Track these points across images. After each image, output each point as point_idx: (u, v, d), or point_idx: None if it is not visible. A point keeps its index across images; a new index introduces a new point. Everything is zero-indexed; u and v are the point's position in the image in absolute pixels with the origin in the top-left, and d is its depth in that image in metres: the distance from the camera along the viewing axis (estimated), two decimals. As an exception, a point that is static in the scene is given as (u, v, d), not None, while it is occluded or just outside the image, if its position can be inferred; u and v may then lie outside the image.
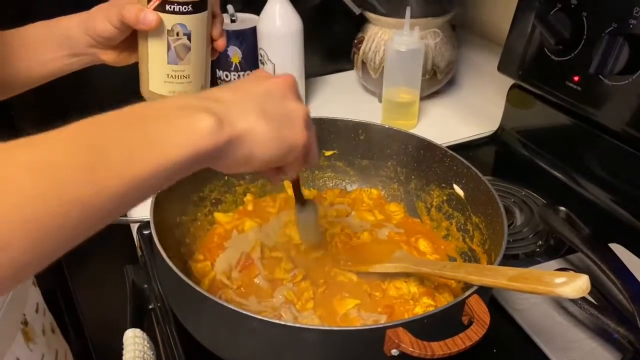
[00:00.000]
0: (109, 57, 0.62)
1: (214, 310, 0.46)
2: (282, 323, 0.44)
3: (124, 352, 0.66)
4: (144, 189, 0.35)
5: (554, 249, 0.72)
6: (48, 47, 0.61)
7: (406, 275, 0.62)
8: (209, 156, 0.38)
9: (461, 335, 0.45)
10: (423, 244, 0.69)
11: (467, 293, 0.48)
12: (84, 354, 1.19)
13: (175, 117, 0.37)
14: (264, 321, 0.44)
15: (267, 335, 0.45)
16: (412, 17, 0.91)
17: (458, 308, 0.48)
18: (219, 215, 0.72)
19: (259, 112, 0.42)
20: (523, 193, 0.82)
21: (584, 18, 0.76)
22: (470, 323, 0.48)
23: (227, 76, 1.02)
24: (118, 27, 0.58)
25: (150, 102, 0.38)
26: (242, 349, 0.49)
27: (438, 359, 0.44)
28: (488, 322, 0.46)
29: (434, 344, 0.44)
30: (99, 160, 0.33)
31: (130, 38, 0.60)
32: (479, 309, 0.47)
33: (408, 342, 0.44)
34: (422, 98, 1.02)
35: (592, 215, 0.77)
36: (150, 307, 0.72)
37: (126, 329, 0.69)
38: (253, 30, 0.98)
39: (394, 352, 0.45)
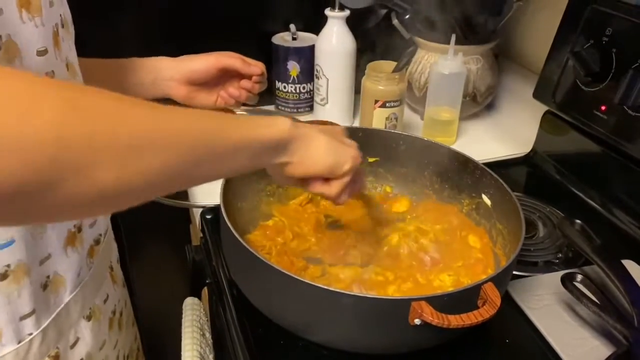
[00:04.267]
0: (180, 92, 0.76)
1: (273, 275, 0.56)
2: (324, 287, 0.53)
3: (183, 315, 0.77)
4: (236, 158, 0.47)
5: (571, 260, 0.79)
6: (141, 72, 0.75)
7: None
8: (281, 144, 0.51)
9: (474, 312, 0.54)
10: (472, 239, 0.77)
11: (484, 279, 0.56)
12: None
13: (264, 118, 0.52)
14: (309, 284, 0.54)
15: (311, 297, 0.55)
16: (456, 43, 1.00)
17: (474, 291, 0.56)
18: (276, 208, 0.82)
19: (321, 130, 0.57)
20: (548, 209, 0.89)
21: (613, 54, 0.83)
22: (484, 305, 0.56)
23: (285, 87, 1.14)
24: (210, 66, 0.74)
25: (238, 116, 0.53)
26: (288, 309, 0.59)
27: (453, 329, 0.52)
28: (499, 304, 0.54)
29: (451, 316, 0.53)
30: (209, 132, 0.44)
31: (204, 84, 0.75)
32: (492, 293, 0.55)
33: (429, 313, 0.52)
34: (462, 118, 1.10)
35: (612, 235, 0.84)
36: (207, 281, 0.82)
37: (181, 300, 0.80)
38: (311, 48, 1.09)
39: (417, 321, 0.53)
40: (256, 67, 0.78)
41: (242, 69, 0.77)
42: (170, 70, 0.74)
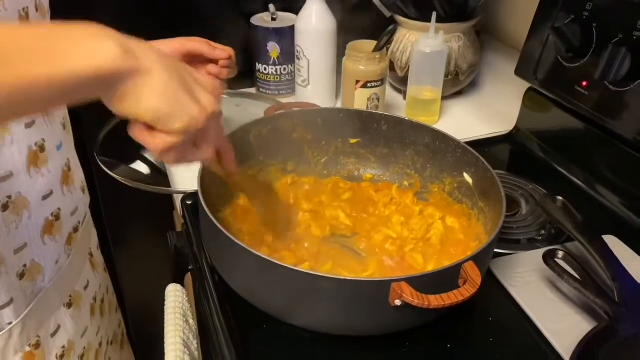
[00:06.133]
0: None
1: (251, 259, 0.55)
2: (303, 271, 0.53)
3: (165, 302, 0.76)
4: (38, 95, 0.38)
5: (554, 237, 0.79)
6: None
7: None
8: (105, 80, 0.40)
9: (455, 291, 0.53)
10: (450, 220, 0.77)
11: (464, 259, 0.56)
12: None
13: (83, 38, 0.40)
14: (287, 268, 0.53)
15: (290, 281, 0.54)
16: (437, 21, 0.99)
17: (454, 270, 0.56)
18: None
19: (169, 67, 0.44)
20: (531, 187, 0.89)
21: (593, 29, 0.83)
22: (465, 284, 0.56)
23: (265, 69, 1.12)
24: (174, 51, 0.69)
25: (68, 25, 0.42)
26: (269, 293, 0.59)
27: (434, 309, 0.52)
28: (479, 283, 0.54)
29: (431, 297, 0.52)
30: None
31: None
32: (472, 272, 0.55)
33: (409, 294, 0.52)
34: (444, 97, 1.09)
35: (599, 215, 0.84)
36: (190, 267, 0.81)
37: (164, 287, 0.79)
38: (291, 28, 1.07)
39: (397, 302, 0.53)
40: (223, 51, 0.74)
41: (208, 53, 0.73)
42: None
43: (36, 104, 0.40)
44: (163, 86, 0.43)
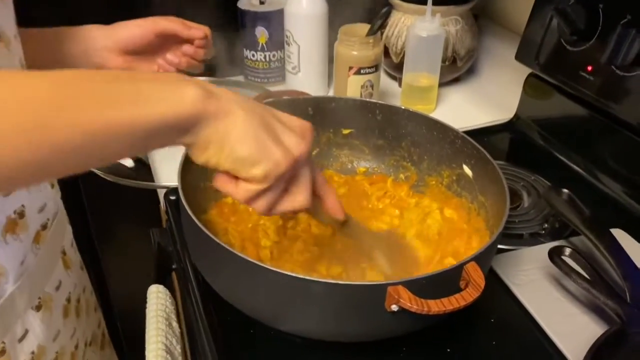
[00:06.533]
0: (115, 63, 0.68)
1: (233, 262, 0.51)
2: (292, 275, 0.48)
3: (147, 304, 0.72)
4: (120, 139, 0.37)
5: (558, 231, 0.75)
6: (71, 42, 0.67)
7: None
8: (186, 123, 0.39)
9: (456, 295, 0.49)
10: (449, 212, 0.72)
11: (466, 259, 0.52)
12: (108, 315, 1.26)
13: (165, 82, 0.39)
14: (275, 272, 0.49)
15: (278, 285, 0.50)
16: (434, 4, 0.94)
17: (456, 272, 0.51)
18: None
19: (252, 109, 0.42)
20: (532, 178, 0.84)
21: (600, 10, 0.78)
22: (467, 287, 0.51)
23: (253, 56, 1.07)
24: (147, 31, 0.65)
25: (146, 73, 0.42)
26: (256, 298, 0.54)
27: (434, 315, 0.48)
28: (483, 285, 0.50)
29: (431, 302, 0.48)
30: (78, 102, 0.35)
31: (142, 53, 0.67)
32: (475, 274, 0.51)
33: (407, 298, 0.48)
34: (442, 84, 1.05)
35: (602, 205, 0.80)
36: (174, 267, 0.77)
37: (149, 286, 0.75)
38: (280, 12, 1.02)
39: (394, 307, 0.49)
40: (198, 30, 0.69)
41: (182, 32, 0.69)
42: (102, 39, 0.66)
43: (117, 149, 0.38)
44: (244, 129, 0.41)
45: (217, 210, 0.68)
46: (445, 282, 0.52)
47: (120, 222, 1.22)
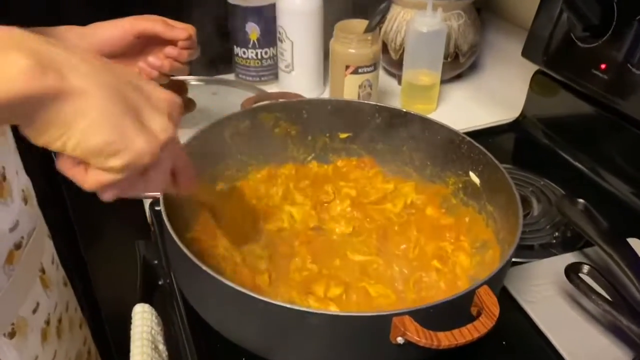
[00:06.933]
0: None
1: (221, 290, 0.46)
2: (288, 306, 0.44)
3: (132, 326, 0.67)
4: None
5: (570, 241, 0.70)
6: None
7: None
8: (12, 107, 0.31)
9: (469, 326, 0.44)
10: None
11: (477, 283, 0.47)
12: (97, 326, 1.22)
13: None
14: (268, 303, 0.44)
15: (272, 316, 0.45)
16: (435, -3, 0.89)
17: (467, 298, 0.47)
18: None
19: (108, 85, 0.34)
20: (542, 183, 0.80)
21: (614, 3, 0.73)
22: (479, 314, 0.47)
23: (244, 53, 1.01)
24: (125, 33, 0.59)
25: None
26: (247, 329, 0.49)
27: (444, 349, 0.43)
28: (497, 314, 0.45)
29: (441, 334, 0.43)
30: None
31: (121, 56, 0.62)
32: (488, 300, 0.46)
33: (414, 331, 0.43)
34: (443, 82, 0.99)
35: (611, 208, 0.75)
36: (160, 282, 0.72)
37: (137, 301, 0.70)
38: (272, 7, 0.96)
39: (400, 340, 0.44)
40: (182, 30, 0.62)
41: (164, 33, 0.62)
42: (78, 41, 0.60)
43: None
44: (99, 113, 0.33)
45: (202, 226, 0.63)
46: (456, 310, 0.47)
47: (109, 232, 1.16)
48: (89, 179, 0.36)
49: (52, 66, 0.31)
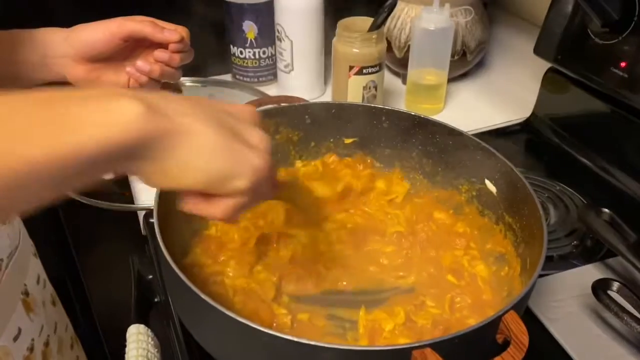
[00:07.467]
0: (76, 72, 0.58)
1: (220, 320, 0.42)
2: (296, 340, 0.39)
3: (126, 349, 0.63)
4: (49, 179, 0.30)
5: (590, 251, 0.66)
6: (26, 48, 0.57)
7: None
8: (130, 151, 0.32)
9: (497, 359, 0.40)
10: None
11: (504, 309, 0.43)
12: (96, 342, 1.18)
13: (95, 99, 0.32)
14: (275, 336, 0.39)
15: (280, 351, 0.41)
16: (441, -8, 0.84)
17: (492, 326, 0.43)
18: None
19: (208, 117, 0.35)
20: (557, 188, 0.76)
21: (635, -2, 0.69)
22: (506, 342, 0.43)
23: (241, 53, 0.97)
24: (111, 35, 0.56)
25: (79, 88, 0.34)
26: (250, 362, 0.45)
27: (470, 385, 0.39)
28: (527, 344, 0.41)
29: (467, 370, 0.39)
30: None
31: (108, 60, 0.58)
32: (515, 328, 0.42)
33: (437, 366, 0.39)
34: (449, 80, 0.95)
35: (631, 213, 0.71)
36: (156, 300, 0.68)
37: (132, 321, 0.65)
38: (270, 4, 0.92)
39: (421, 375, 0.40)
40: (173, 32, 0.57)
41: (153, 35, 0.57)
42: (61, 45, 0.55)
43: (42, 191, 0.31)
44: (212, 142, 0.35)
45: (201, 248, 0.58)
46: (481, 339, 0.43)
47: (104, 245, 1.12)
48: (219, 209, 0.38)
49: (159, 111, 0.33)
